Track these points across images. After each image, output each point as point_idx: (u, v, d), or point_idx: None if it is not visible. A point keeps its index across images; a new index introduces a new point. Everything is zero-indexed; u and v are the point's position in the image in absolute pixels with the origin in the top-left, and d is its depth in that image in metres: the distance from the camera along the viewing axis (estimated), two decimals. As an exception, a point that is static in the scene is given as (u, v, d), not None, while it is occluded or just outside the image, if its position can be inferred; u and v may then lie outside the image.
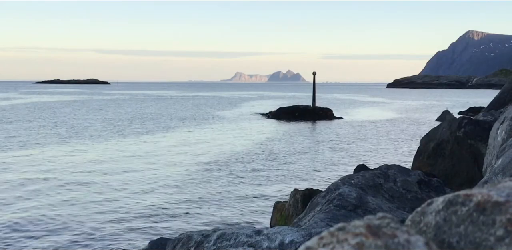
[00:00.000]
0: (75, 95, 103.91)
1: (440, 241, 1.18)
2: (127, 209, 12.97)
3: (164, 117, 43.83)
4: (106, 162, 20.07)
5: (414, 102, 76.60)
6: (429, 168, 11.41)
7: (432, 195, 7.02)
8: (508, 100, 15.46)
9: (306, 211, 6.81)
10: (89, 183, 16.03)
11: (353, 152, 23.23)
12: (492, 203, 1.14)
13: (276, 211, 10.23)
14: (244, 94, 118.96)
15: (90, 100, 76.85)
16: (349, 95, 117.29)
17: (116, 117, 42.55)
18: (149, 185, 15.77)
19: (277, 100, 79.82)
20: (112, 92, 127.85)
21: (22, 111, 49.48)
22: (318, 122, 38.74)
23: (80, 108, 56.39)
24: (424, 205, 1.26)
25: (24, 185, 15.62)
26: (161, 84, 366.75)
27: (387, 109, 58.42)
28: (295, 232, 5.05)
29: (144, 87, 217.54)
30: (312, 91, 46.33)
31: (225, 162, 20.18)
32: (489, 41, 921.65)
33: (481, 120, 11.66)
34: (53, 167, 18.71)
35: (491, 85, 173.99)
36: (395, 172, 7.36)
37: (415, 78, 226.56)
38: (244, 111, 52.81)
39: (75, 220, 11.95)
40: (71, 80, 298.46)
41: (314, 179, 16.89)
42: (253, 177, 17.16)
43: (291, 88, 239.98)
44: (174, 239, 5.73)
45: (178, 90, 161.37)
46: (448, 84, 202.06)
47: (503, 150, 5.22)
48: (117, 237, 10.79)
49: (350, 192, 6.34)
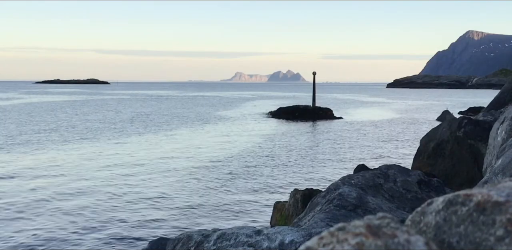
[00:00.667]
0: (75, 95, 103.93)
1: (440, 241, 1.18)
2: (127, 209, 12.97)
3: (164, 117, 43.83)
4: (106, 161, 20.07)
5: (414, 102, 76.61)
6: (429, 168, 11.41)
7: (432, 195, 7.02)
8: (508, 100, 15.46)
9: (306, 211, 6.81)
10: (88, 183, 16.03)
11: (353, 152, 23.23)
12: (492, 203, 1.14)
13: (276, 211, 10.23)
14: (244, 94, 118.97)
15: (91, 100, 76.86)
16: (349, 95, 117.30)
17: (116, 117, 42.56)
18: (149, 185, 15.77)
19: (277, 100, 79.83)
20: (112, 92, 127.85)
21: (23, 111, 49.48)
22: (318, 122, 38.74)
23: (81, 108, 56.40)
24: (424, 205, 1.26)
25: (25, 185, 15.62)
26: (161, 84, 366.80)
27: (387, 109, 58.42)
28: (295, 232, 5.05)
29: (144, 87, 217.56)
30: (312, 91, 46.34)
31: (225, 161, 20.18)
32: (489, 41, 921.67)
33: (481, 120, 11.66)
34: (53, 167, 18.71)
35: (491, 85, 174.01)
36: (395, 172, 7.36)
37: (415, 78, 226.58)
38: (244, 111, 52.81)
39: (74, 220, 11.95)
40: (71, 80, 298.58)
41: (314, 179, 16.89)
42: (253, 177, 17.17)
43: (291, 88, 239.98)
44: (174, 239, 5.73)
45: (178, 90, 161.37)
46: (448, 84, 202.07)
47: (503, 150, 5.22)
48: (117, 237, 10.79)
49: (350, 192, 6.34)
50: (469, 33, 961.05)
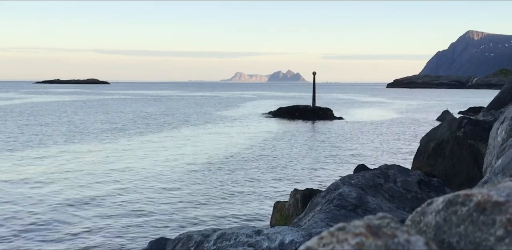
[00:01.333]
0: (75, 95, 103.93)
1: (440, 241, 1.18)
2: (127, 209, 12.97)
3: (164, 117, 43.83)
4: (106, 161, 20.07)
5: (414, 102, 76.61)
6: (429, 168, 11.41)
7: (432, 195, 7.02)
8: (508, 100, 15.45)
9: (306, 211, 6.81)
10: (88, 183, 16.03)
11: (353, 152, 23.23)
12: (492, 203, 1.14)
13: (276, 211, 10.23)
14: (244, 94, 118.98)
15: (91, 100, 76.87)
16: (349, 95, 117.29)
17: (116, 117, 42.57)
18: (149, 185, 15.77)
19: (277, 100, 79.83)
20: (112, 92, 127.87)
21: (25, 111, 49.49)
22: (318, 122, 38.74)
23: (81, 108, 56.40)
24: (424, 205, 1.26)
25: (25, 185, 15.62)
26: (161, 84, 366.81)
27: (387, 109, 58.42)
28: (295, 232, 5.05)
29: (144, 87, 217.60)
30: (312, 91, 46.35)
31: (225, 161, 20.18)
32: (489, 41, 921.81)
33: (481, 120, 11.66)
34: (52, 167, 18.71)
35: (491, 85, 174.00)
36: (395, 172, 7.36)
37: (415, 78, 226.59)
38: (244, 111, 52.82)
39: (74, 220, 11.95)
40: (71, 80, 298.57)
41: (314, 179, 16.89)
42: (253, 176, 17.17)
43: (291, 88, 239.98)
44: (174, 239, 5.74)
45: (178, 90, 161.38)
46: (448, 84, 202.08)
47: (503, 150, 5.22)
48: (117, 237, 10.79)
49: (350, 192, 6.34)
50: (469, 33, 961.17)
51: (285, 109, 44.27)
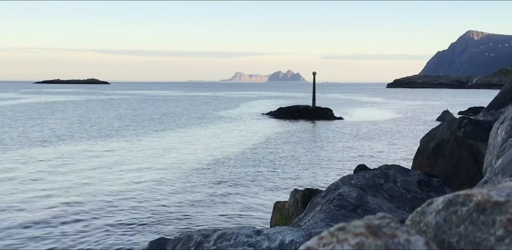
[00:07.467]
0: (75, 95, 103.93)
1: (440, 241, 1.18)
2: (127, 209, 12.97)
3: (164, 117, 43.83)
4: (106, 161, 20.07)
5: (414, 102, 76.60)
6: (429, 168, 11.40)
7: (432, 195, 7.02)
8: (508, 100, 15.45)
9: (306, 211, 6.81)
10: (89, 183, 16.03)
11: (353, 152, 23.23)
12: (492, 203, 1.14)
13: (276, 211, 10.23)
14: (244, 94, 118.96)
15: (91, 100, 76.86)
16: (349, 95, 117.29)
17: (116, 117, 42.56)
18: (149, 185, 15.77)
19: (277, 100, 79.82)
20: (112, 92, 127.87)
21: (25, 111, 49.49)
22: (318, 122, 38.74)
23: (81, 108, 56.40)
24: (424, 205, 1.26)
25: (27, 184, 15.62)
26: (161, 84, 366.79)
27: (387, 109, 58.42)
28: (295, 232, 5.05)
29: (144, 87, 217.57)
30: (312, 91, 46.35)
31: (225, 161, 20.18)
32: (489, 41, 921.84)
33: (481, 121, 11.66)
34: (52, 167, 18.71)
35: (491, 85, 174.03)
36: (395, 172, 7.36)
37: (415, 78, 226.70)
38: (244, 111, 52.82)
39: (75, 220, 11.95)
40: (71, 80, 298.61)
41: (314, 179, 16.89)
42: (253, 176, 17.16)
43: (291, 88, 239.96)
44: (174, 239, 5.74)
45: (178, 90, 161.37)
46: (448, 84, 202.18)
47: (503, 150, 5.22)
48: (117, 237, 10.79)
49: (350, 192, 6.34)
50: (469, 33, 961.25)
51: (285, 110, 44.27)
